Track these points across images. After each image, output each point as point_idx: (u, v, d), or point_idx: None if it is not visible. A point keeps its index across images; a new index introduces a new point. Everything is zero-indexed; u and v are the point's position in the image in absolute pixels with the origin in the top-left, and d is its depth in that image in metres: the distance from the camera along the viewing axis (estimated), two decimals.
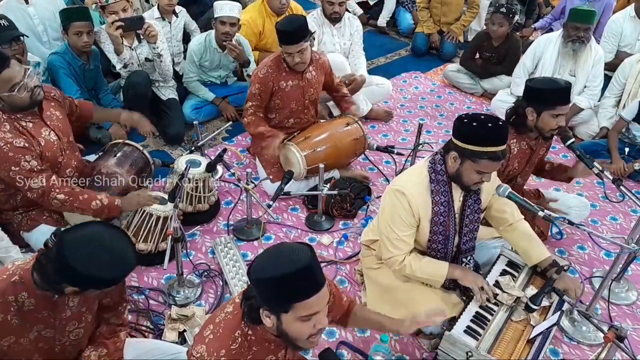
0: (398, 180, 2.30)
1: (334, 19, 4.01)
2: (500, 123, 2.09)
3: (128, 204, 2.58)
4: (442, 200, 2.22)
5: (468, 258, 2.39)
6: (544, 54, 3.98)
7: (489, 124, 2.06)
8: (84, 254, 1.50)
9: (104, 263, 1.53)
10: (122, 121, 3.11)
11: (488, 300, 2.24)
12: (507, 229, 2.44)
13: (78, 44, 3.39)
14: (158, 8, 3.98)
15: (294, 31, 2.98)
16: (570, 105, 2.63)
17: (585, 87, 3.91)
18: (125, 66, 3.59)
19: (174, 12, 4.06)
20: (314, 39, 3.24)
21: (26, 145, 2.36)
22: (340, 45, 4.11)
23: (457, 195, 2.26)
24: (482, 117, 2.10)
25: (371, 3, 6.01)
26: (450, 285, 2.34)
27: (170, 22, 4.02)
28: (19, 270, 1.64)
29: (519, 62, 4.17)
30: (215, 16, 3.69)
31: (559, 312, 2.18)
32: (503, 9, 4.29)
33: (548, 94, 2.51)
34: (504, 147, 2.08)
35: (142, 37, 3.58)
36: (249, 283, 1.59)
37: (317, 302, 1.49)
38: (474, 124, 2.07)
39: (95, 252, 1.53)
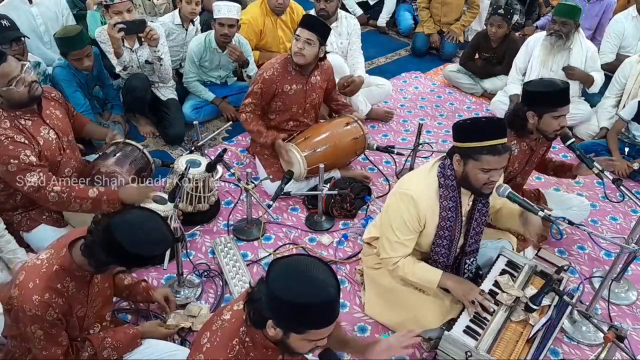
0: (406, 183, 2.26)
1: (321, 16, 3.95)
2: (496, 118, 2.13)
3: (127, 194, 2.57)
4: (450, 206, 2.20)
5: (471, 259, 2.39)
6: (533, 51, 3.97)
7: (483, 119, 2.10)
8: (133, 237, 1.73)
9: (150, 244, 1.78)
10: (107, 140, 2.96)
11: (478, 312, 2.22)
12: (496, 217, 2.48)
13: (79, 67, 3.33)
14: (179, 14, 3.95)
15: None
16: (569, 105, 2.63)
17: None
18: (124, 68, 3.58)
19: (191, 21, 4.05)
20: (326, 45, 3.18)
21: (26, 142, 2.37)
22: (337, 45, 4.10)
23: (466, 199, 2.25)
24: (479, 117, 2.15)
25: (371, 3, 6.01)
26: None
27: (187, 30, 4.01)
28: (53, 261, 1.82)
29: (513, 64, 4.16)
30: (214, 17, 3.69)
31: (553, 307, 2.18)
32: (501, 11, 4.28)
33: (547, 96, 2.51)
34: (503, 140, 2.05)
35: (143, 39, 3.58)
36: (253, 286, 1.58)
37: (329, 330, 1.52)
38: (469, 122, 2.11)
39: (141, 234, 1.76)
